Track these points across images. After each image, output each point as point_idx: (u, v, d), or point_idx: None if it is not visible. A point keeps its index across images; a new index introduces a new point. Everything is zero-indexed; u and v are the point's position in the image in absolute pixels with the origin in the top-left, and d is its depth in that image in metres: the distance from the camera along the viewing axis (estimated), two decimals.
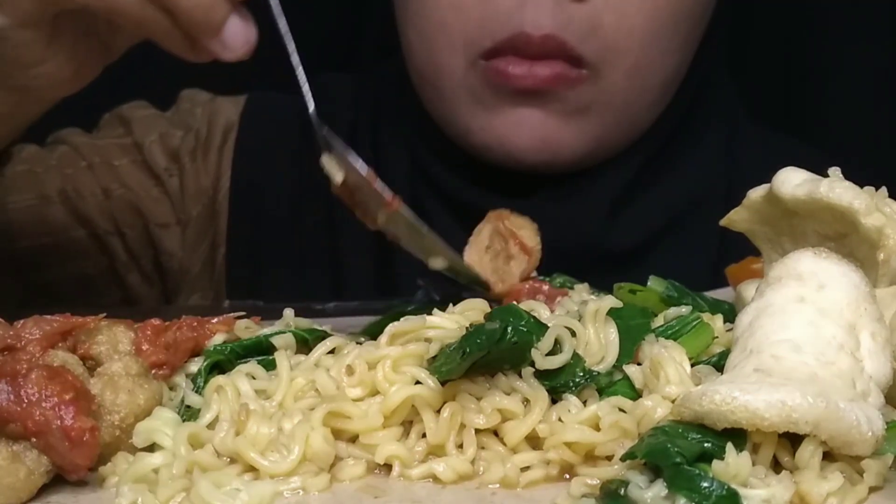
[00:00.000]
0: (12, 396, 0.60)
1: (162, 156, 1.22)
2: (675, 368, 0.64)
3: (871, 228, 0.68)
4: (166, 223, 1.22)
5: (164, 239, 1.22)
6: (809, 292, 0.62)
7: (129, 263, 1.23)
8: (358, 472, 0.62)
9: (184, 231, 1.23)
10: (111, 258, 1.22)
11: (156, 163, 1.22)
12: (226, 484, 0.60)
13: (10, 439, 0.60)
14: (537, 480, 0.62)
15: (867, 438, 0.57)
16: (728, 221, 0.77)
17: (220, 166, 1.23)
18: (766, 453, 0.58)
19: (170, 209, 1.22)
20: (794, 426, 0.56)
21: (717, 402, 0.57)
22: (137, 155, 1.22)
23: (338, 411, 0.63)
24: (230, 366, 0.70)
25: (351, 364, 0.66)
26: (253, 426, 0.62)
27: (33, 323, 0.67)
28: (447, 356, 0.63)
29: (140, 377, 0.66)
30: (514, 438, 0.63)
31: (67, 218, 1.20)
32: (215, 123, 1.25)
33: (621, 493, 0.56)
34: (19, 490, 0.59)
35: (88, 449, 0.60)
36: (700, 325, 0.69)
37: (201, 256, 1.23)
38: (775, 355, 0.60)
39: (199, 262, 1.23)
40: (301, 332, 0.72)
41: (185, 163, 1.23)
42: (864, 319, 0.62)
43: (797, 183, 0.71)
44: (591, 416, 0.63)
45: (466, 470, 0.62)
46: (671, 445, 0.56)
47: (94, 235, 1.21)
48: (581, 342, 0.67)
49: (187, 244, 1.23)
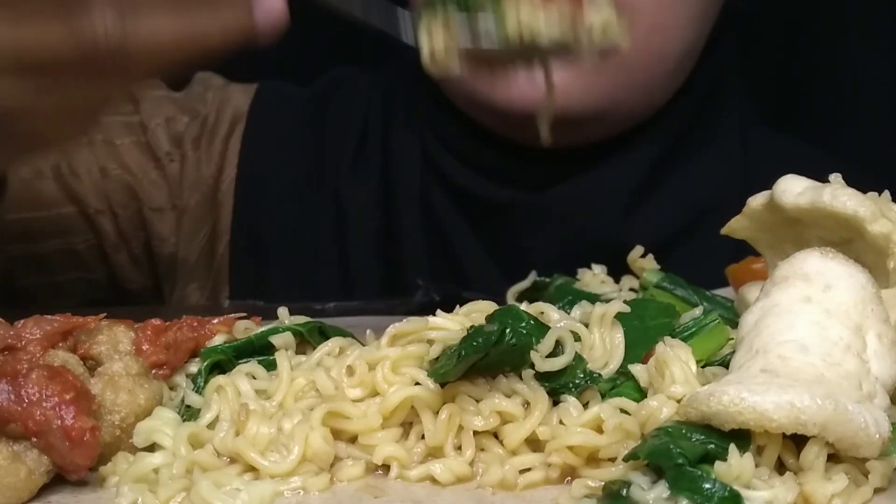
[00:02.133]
0: (13, 396, 0.60)
1: (165, 140, 1.22)
2: (681, 368, 0.64)
3: (877, 235, 0.67)
4: (161, 207, 1.21)
5: (157, 223, 1.21)
6: (816, 292, 0.62)
7: (119, 244, 1.22)
8: (357, 472, 0.62)
9: (179, 218, 1.22)
10: (100, 237, 1.21)
11: (158, 146, 1.21)
12: (226, 484, 0.60)
13: (10, 439, 0.60)
14: (537, 482, 0.61)
15: (874, 440, 0.57)
16: (729, 230, 0.77)
17: (224, 156, 1.23)
18: (770, 454, 0.58)
19: (166, 194, 1.22)
20: (802, 428, 0.56)
21: (726, 403, 0.56)
22: (141, 136, 1.22)
23: (337, 411, 0.63)
24: (231, 366, 0.70)
25: (351, 364, 0.65)
26: (253, 426, 0.62)
27: (34, 323, 0.67)
28: (447, 358, 0.63)
29: (140, 377, 0.66)
30: (513, 441, 0.62)
31: (58, 194, 1.19)
32: (224, 112, 1.24)
33: (623, 494, 0.56)
34: (20, 490, 0.59)
35: (89, 449, 0.60)
36: (715, 327, 0.69)
37: (198, 246, 1.22)
38: (782, 356, 0.60)
39: (196, 252, 1.22)
40: (296, 326, 0.72)
41: (188, 150, 1.22)
42: (871, 320, 0.62)
43: (799, 191, 0.70)
44: (593, 419, 0.62)
45: (464, 471, 0.62)
46: (674, 446, 0.56)
47: (84, 213, 1.20)
48: (586, 346, 0.67)
49: (182, 231, 1.22)
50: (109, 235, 1.21)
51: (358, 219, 1.19)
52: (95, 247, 1.21)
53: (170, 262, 1.22)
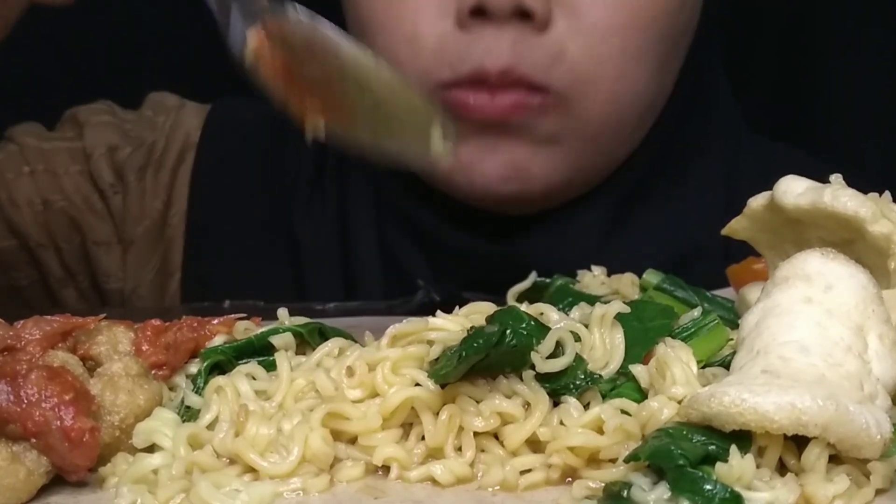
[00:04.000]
0: (12, 397, 0.60)
1: (108, 171, 1.16)
2: (682, 369, 0.63)
3: (878, 236, 0.67)
4: (106, 241, 1.16)
5: (103, 258, 1.16)
6: (817, 293, 0.62)
7: (65, 279, 1.17)
8: (357, 473, 0.62)
9: (124, 252, 1.17)
10: (44, 272, 1.17)
11: (101, 177, 1.16)
12: (225, 485, 0.60)
13: (9, 440, 0.60)
14: (537, 483, 0.61)
15: (876, 441, 0.57)
16: (729, 230, 0.77)
17: (172, 188, 1.17)
18: (772, 456, 0.58)
19: (111, 228, 1.17)
20: (803, 429, 0.56)
21: (727, 404, 0.56)
22: (85, 164, 1.17)
23: (337, 412, 0.63)
24: (230, 366, 0.69)
25: (351, 365, 0.65)
26: (252, 427, 0.62)
27: (33, 323, 0.67)
28: (447, 359, 0.62)
29: (140, 378, 0.65)
30: (514, 442, 0.62)
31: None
32: (174, 138, 1.19)
33: (624, 496, 0.56)
34: (19, 490, 0.59)
35: (88, 449, 0.60)
36: (714, 328, 0.69)
37: (146, 282, 1.17)
38: (783, 356, 0.59)
39: (145, 289, 1.17)
40: (296, 327, 0.72)
41: (130, 180, 1.17)
42: (872, 321, 0.61)
43: (800, 192, 0.70)
44: (593, 420, 0.62)
45: (465, 472, 0.62)
46: (675, 447, 0.56)
47: (26, 247, 1.16)
48: (586, 346, 0.67)
49: (129, 266, 1.17)
50: (54, 270, 1.16)
51: (315, 252, 1.15)
52: (39, 282, 1.17)
53: (118, 298, 1.17)
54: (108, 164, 1.17)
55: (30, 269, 1.16)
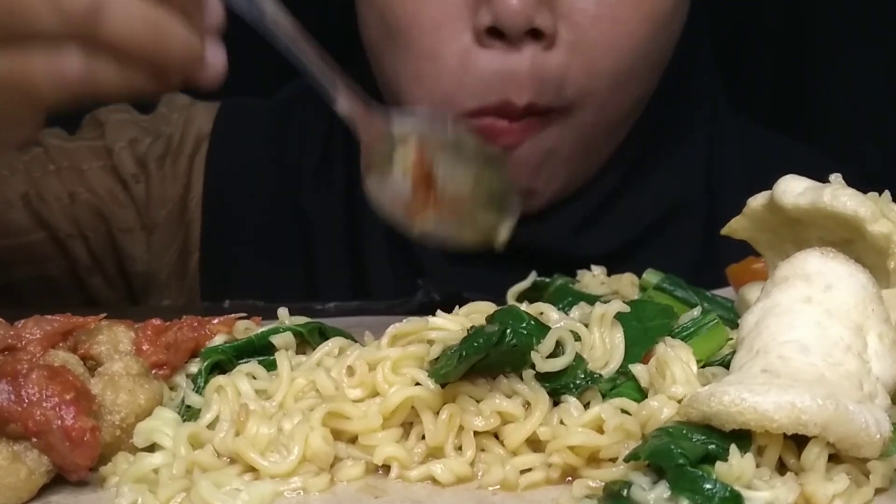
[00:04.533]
0: (13, 396, 0.60)
1: (130, 161, 1.23)
2: (682, 368, 0.64)
3: (878, 235, 0.67)
4: (130, 228, 1.23)
5: (128, 244, 1.23)
6: (816, 292, 0.62)
7: (92, 267, 1.23)
8: (357, 472, 0.62)
9: (149, 236, 1.23)
10: (73, 261, 1.22)
11: (123, 168, 1.23)
12: (226, 484, 0.60)
13: (10, 439, 0.60)
14: (537, 483, 0.61)
15: (875, 441, 0.57)
16: (729, 230, 0.77)
17: (190, 174, 1.24)
18: (771, 455, 0.58)
19: (135, 215, 1.23)
20: (803, 428, 0.56)
21: (726, 403, 0.56)
22: (107, 160, 1.23)
23: (337, 412, 0.63)
24: (231, 366, 0.70)
25: (352, 365, 0.65)
26: (253, 426, 0.62)
27: (34, 323, 0.67)
28: (447, 358, 0.63)
29: (141, 377, 0.66)
30: (514, 441, 0.62)
31: (28, 221, 1.20)
32: (188, 131, 1.26)
33: (624, 495, 0.56)
34: (20, 490, 0.59)
35: (89, 449, 0.60)
36: (714, 327, 0.69)
37: (169, 262, 1.24)
38: (782, 356, 0.59)
39: (168, 269, 1.24)
40: (296, 327, 0.72)
41: (152, 169, 1.23)
42: (872, 321, 0.62)
43: (799, 192, 0.70)
44: (594, 419, 0.62)
45: (465, 472, 0.62)
46: (675, 447, 0.56)
47: (56, 239, 1.21)
48: (586, 346, 0.67)
49: (153, 250, 1.23)
50: (82, 259, 1.22)
51: (323, 226, 1.21)
52: (69, 271, 1.22)
53: (143, 280, 1.24)
54: (129, 155, 1.23)
55: (59, 259, 1.22)
